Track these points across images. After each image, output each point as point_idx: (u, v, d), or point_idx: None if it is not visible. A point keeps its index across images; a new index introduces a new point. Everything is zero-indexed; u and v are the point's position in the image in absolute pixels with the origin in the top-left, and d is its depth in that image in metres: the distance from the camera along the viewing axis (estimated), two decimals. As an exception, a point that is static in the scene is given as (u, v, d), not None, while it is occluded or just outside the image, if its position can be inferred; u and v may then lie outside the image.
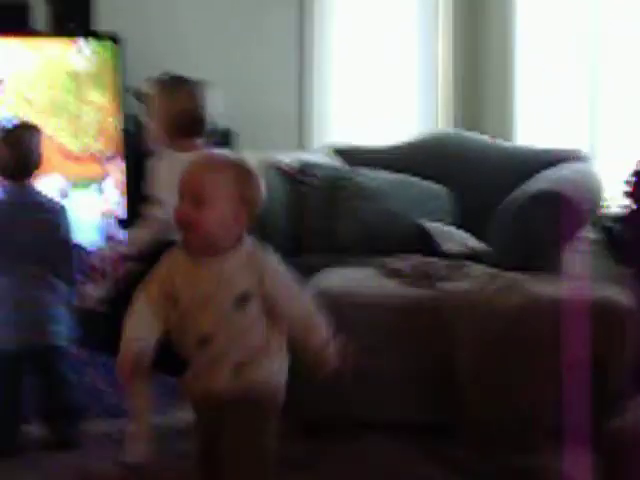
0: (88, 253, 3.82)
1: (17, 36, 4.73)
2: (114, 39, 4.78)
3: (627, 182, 3.51)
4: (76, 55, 4.73)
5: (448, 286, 3.60)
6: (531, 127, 5.24)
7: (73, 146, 4.74)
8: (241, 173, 2.30)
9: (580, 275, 3.82)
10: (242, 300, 2.26)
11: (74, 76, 4.73)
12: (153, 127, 3.46)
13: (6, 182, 3.53)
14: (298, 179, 4.56)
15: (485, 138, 4.98)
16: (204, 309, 2.27)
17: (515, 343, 3.35)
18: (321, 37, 5.35)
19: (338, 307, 3.54)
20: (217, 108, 3.49)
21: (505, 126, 5.24)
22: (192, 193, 2.25)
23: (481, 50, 5.42)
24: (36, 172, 3.54)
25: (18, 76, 4.69)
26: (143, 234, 3.43)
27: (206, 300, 2.27)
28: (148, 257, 3.29)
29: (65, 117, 4.73)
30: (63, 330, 3.49)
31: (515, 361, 3.34)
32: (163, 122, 3.43)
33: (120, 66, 4.78)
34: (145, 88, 3.64)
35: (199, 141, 3.45)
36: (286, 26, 5.37)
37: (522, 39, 5.21)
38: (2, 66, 4.67)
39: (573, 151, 4.70)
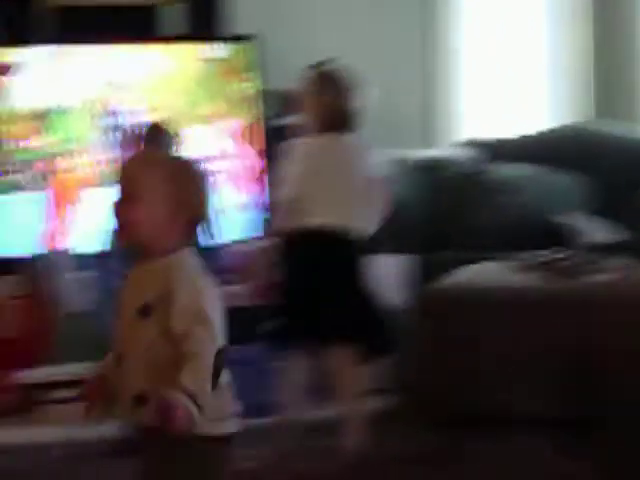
0: (233, 253, 3.87)
1: (147, 42, 4.68)
2: (248, 40, 4.75)
3: None
4: (209, 58, 4.75)
5: (587, 279, 3.57)
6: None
7: (210, 151, 4.75)
8: (179, 173, 2.08)
9: None
10: (145, 310, 2.02)
11: (207, 79, 4.71)
12: (302, 123, 3.44)
13: None
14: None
15: (623, 127, 4.90)
16: (120, 318, 2.09)
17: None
18: (447, 29, 5.30)
19: (478, 302, 3.58)
20: (364, 103, 3.41)
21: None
22: (124, 187, 2.06)
23: (615, 37, 5.31)
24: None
25: (152, 82, 4.62)
26: (276, 223, 3.44)
27: (123, 308, 2.09)
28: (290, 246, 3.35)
29: (200, 121, 4.71)
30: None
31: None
32: (310, 118, 3.41)
33: (255, 67, 4.79)
34: (288, 87, 3.68)
35: (350, 135, 3.42)
36: (411, 19, 5.35)
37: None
38: (131, 71, 4.59)
39: None
